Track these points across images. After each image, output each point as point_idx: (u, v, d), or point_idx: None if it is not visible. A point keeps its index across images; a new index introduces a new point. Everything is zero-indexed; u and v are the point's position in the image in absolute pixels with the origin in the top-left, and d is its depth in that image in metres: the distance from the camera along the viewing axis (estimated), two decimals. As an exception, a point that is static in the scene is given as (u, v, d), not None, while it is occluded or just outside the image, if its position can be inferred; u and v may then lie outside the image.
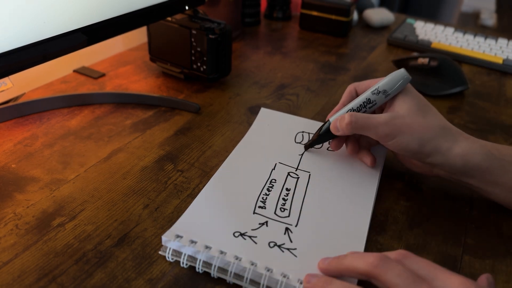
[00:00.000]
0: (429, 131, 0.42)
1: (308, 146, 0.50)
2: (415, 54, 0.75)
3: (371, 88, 0.45)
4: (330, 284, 0.33)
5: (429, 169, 0.45)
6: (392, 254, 0.34)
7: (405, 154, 0.43)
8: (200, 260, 0.37)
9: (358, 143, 0.49)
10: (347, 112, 0.46)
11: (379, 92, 0.44)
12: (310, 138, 0.52)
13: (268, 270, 0.35)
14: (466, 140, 0.42)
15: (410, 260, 0.33)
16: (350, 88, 0.48)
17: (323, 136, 0.48)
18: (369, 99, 0.45)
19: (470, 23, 2.82)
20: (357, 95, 0.48)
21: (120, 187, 0.46)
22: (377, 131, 0.42)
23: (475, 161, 0.41)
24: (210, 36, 0.61)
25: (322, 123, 0.49)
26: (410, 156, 0.44)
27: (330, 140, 0.49)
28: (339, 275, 0.35)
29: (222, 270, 0.36)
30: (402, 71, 0.44)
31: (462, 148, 0.42)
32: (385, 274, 0.31)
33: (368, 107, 0.45)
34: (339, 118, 0.44)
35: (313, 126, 0.55)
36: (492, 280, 0.34)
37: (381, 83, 0.45)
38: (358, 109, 0.46)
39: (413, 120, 0.42)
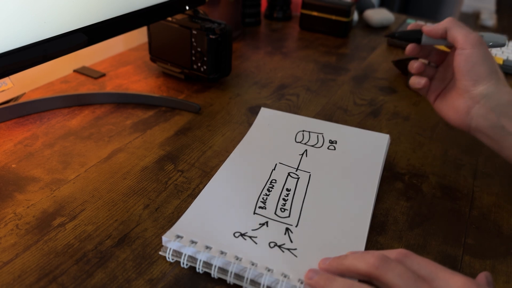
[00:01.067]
0: (496, 66, 0.46)
1: (389, 35, 0.52)
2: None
3: None
4: (333, 281, 0.33)
5: (467, 109, 0.46)
6: (392, 253, 0.34)
7: (470, 70, 0.45)
8: (200, 260, 0.37)
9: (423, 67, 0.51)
10: None
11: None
12: (310, 137, 0.52)
13: (268, 270, 0.35)
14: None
15: (411, 260, 0.33)
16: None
17: (409, 33, 0.50)
18: None
19: (470, 23, 2.82)
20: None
21: (121, 187, 0.46)
22: (470, 35, 0.45)
23: None
24: (211, 36, 0.61)
25: None
26: (471, 75, 0.45)
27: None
28: (340, 275, 0.35)
29: (223, 270, 0.36)
30: (503, 36, 0.50)
31: (510, 88, 0.45)
32: (386, 274, 0.31)
33: None
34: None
35: (314, 124, 0.55)
36: (491, 278, 0.34)
37: (484, 33, 0.49)
38: None
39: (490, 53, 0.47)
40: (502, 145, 0.44)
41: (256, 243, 0.38)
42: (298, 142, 0.52)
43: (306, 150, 0.51)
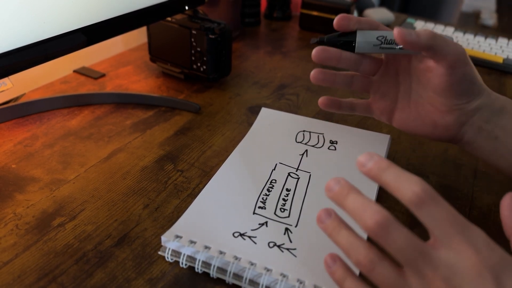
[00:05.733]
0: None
1: (317, 41, 0.44)
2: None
3: None
4: (339, 232, 0.31)
5: (459, 125, 0.42)
6: (414, 187, 0.29)
7: (466, 89, 0.41)
8: (199, 260, 0.37)
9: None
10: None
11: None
12: (311, 137, 0.52)
13: (267, 270, 0.35)
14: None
15: (430, 209, 0.29)
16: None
17: (342, 38, 0.43)
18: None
19: (470, 23, 2.81)
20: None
21: (120, 187, 0.46)
22: (460, 50, 0.40)
23: (509, 107, 0.42)
24: (210, 36, 0.61)
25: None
26: (468, 93, 0.41)
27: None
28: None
29: (222, 270, 0.36)
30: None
31: (495, 93, 0.43)
32: (385, 244, 0.28)
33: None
34: (411, 30, 0.40)
35: (315, 125, 0.55)
36: None
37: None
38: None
39: None
40: (494, 155, 0.43)
41: (255, 243, 0.38)
42: (298, 142, 0.52)
43: (306, 150, 0.51)
